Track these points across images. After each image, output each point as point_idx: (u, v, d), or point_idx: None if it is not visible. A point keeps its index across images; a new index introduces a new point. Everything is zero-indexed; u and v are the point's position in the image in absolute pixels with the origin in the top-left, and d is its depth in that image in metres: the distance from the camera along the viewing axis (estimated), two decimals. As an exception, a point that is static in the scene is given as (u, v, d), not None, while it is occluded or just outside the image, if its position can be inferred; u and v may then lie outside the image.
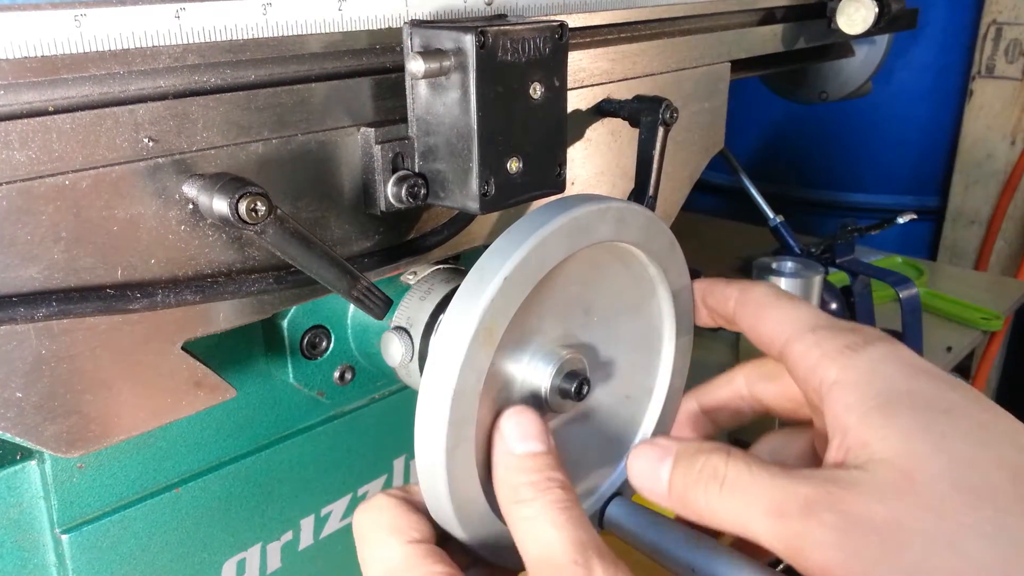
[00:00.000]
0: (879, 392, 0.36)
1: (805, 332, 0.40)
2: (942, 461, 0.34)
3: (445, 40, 0.43)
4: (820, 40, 0.84)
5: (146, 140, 0.37)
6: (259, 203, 0.37)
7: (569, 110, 0.50)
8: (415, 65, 0.42)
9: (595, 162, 0.62)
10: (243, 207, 0.37)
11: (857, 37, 0.83)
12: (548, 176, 0.48)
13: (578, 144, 0.60)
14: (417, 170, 0.46)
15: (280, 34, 0.41)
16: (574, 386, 0.42)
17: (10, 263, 0.35)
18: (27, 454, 0.44)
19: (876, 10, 0.78)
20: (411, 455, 0.56)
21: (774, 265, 0.91)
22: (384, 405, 0.59)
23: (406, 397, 0.59)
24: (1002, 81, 1.76)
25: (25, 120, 0.34)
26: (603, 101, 0.60)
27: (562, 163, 0.49)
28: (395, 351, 0.49)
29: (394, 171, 0.46)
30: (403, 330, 0.50)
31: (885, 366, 0.37)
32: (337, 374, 0.54)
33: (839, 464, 0.36)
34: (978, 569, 0.31)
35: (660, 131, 0.58)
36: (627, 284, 0.46)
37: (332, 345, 0.53)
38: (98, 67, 0.36)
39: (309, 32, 0.42)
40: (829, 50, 1.00)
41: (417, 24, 0.44)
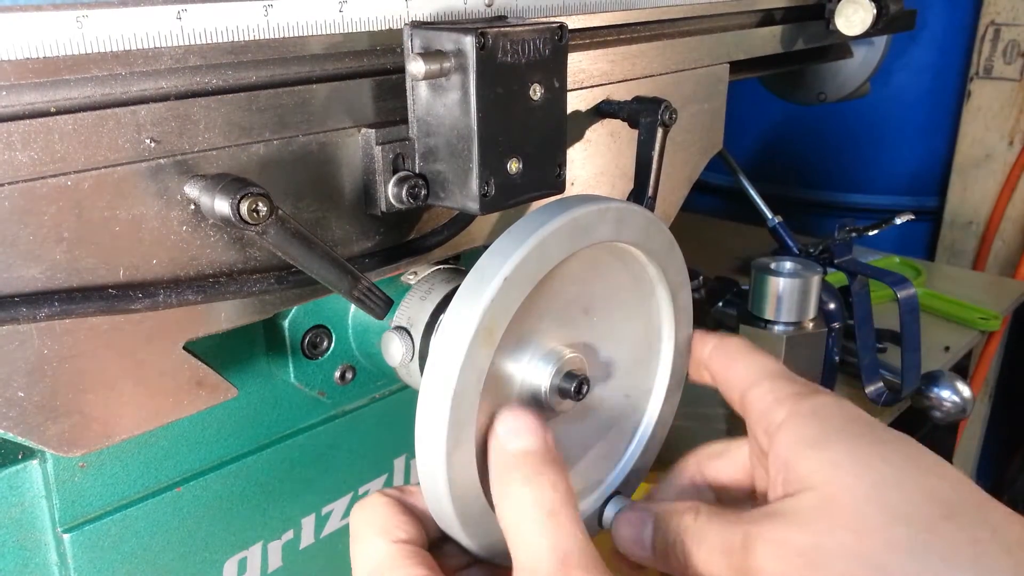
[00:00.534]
0: (817, 431, 0.40)
1: (764, 379, 0.44)
2: (866, 485, 0.36)
3: (445, 41, 0.43)
4: (818, 41, 0.84)
5: (148, 141, 0.38)
6: (260, 204, 0.38)
7: (569, 111, 0.50)
8: (415, 66, 0.43)
9: (595, 163, 0.62)
10: (244, 208, 0.37)
11: (855, 38, 0.83)
12: (548, 177, 0.49)
13: (578, 145, 0.60)
14: (417, 171, 0.46)
15: (281, 35, 0.41)
16: (573, 386, 0.42)
17: (12, 263, 0.35)
18: (29, 453, 0.44)
19: (874, 11, 0.78)
20: (412, 454, 0.57)
21: (773, 265, 0.91)
22: (385, 405, 0.59)
23: (406, 397, 0.60)
24: (1000, 82, 1.77)
25: (27, 121, 0.34)
26: (602, 102, 0.61)
27: (562, 164, 0.49)
28: (395, 351, 0.49)
29: (394, 172, 0.46)
30: (403, 330, 0.50)
31: (827, 410, 0.41)
32: (338, 374, 0.54)
33: (778, 498, 0.39)
34: None
35: (659, 132, 0.58)
36: (627, 284, 0.46)
37: (333, 345, 0.53)
38: (100, 68, 0.36)
39: (310, 33, 0.42)
40: (827, 51, 1.01)
41: (418, 25, 0.44)
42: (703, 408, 1.04)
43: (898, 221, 1.15)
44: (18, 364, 0.36)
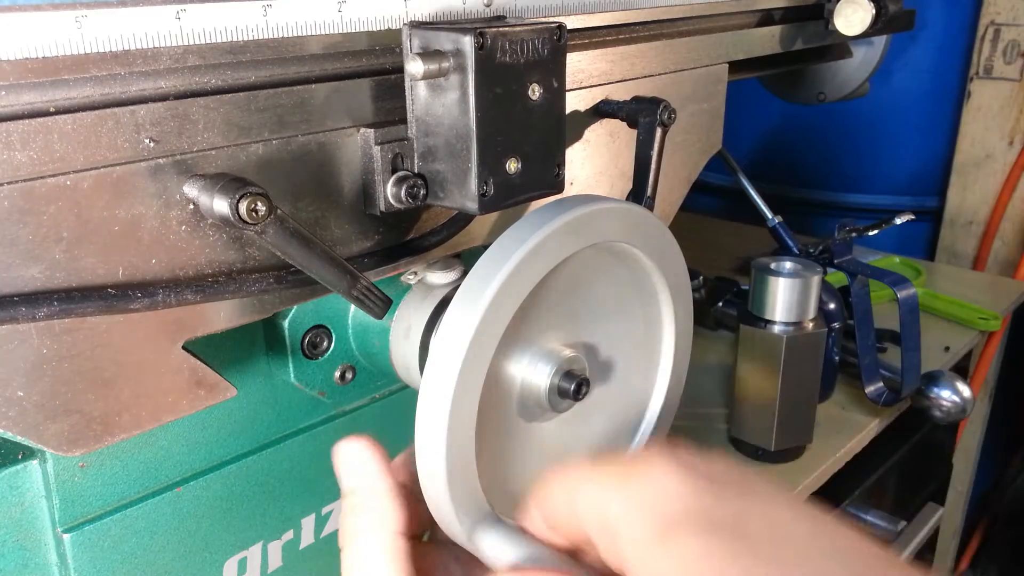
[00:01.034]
0: (659, 519, 0.31)
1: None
2: None
3: (444, 41, 0.43)
4: (818, 41, 0.84)
5: (147, 141, 0.38)
6: (259, 203, 0.38)
7: (568, 111, 0.50)
8: (414, 66, 0.43)
9: (594, 163, 0.62)
10: (243, 207, 0.37)
11: (855, 38, 0.83)
12: (547, 176, 0.49)
13: (577, 145, 0.60)
14: (416, 170, 0.46)
15: (280, 35, 0.41)
16: (573, 386, 0.42)
17: (12, 263, 0.35)
18: (29, 453, 0.44)
19: (874, 11, 0.78)
20: (411, 454, 0.56)
21: (772, 265, 0.91)
22: (385, 405, 0.59)
23: (406, 397, 0.60)
24: (1000, 82, 1.76)
25: (26, 121, 0.34)
26: (601, 102, 0.61)
27: (561, 164, 0.49)
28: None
29: (394, 172, 0.46)
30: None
31: (666, 485, 0.32)
32: (338, 374, 0.54)
33: None
34: None
35: (658, 132, 0.58)
36: (627, 284, 0.46)
37: (333, 345, 0.53)
38: (99, 68, 0.36)
39: (309, 33, 0.42)
40: (827, 51, 1.01)
41: (416, 25, 0.44)
42: (703, 408, 1.04)
43: (898, 221, 1.15)
44: (17, 363, 0.36)
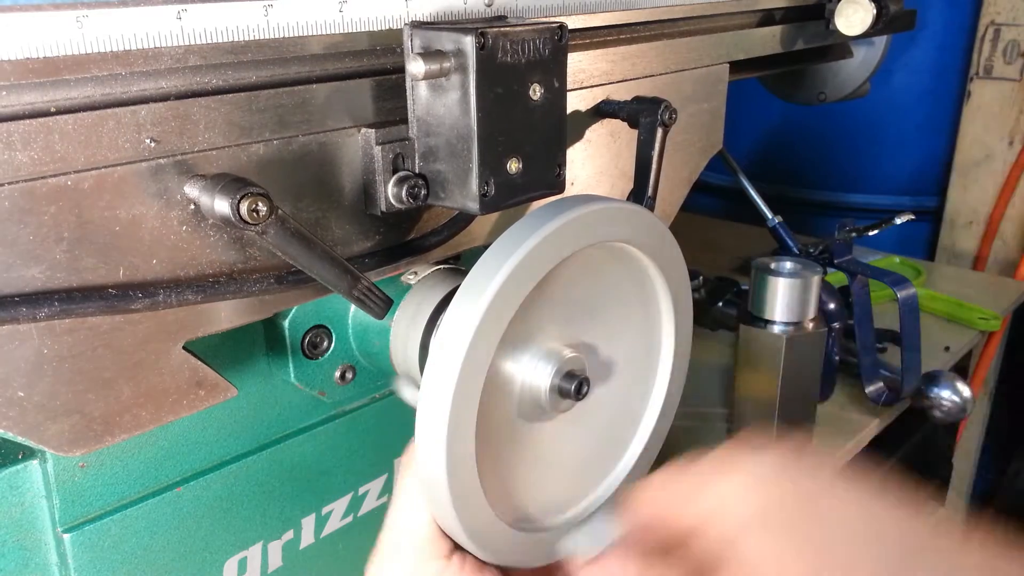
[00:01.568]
0: (757, 506, 0.37)
1: None
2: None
3: (445, 41, 0.43)
4: (818, 41, 0.84)
5: (148, 141, 0.38)
6: (260, 203, 0.38)
7: (568, 111, 0.50)
8: (415, 66, 0.43)
9: (594, 163, 0.62)
10: (244, 207, 0.37)
11: (855, 38, 0.83)
12: (547, 176, 0.49)
13: (577, 145, 0.60)
14: (417, 171, 0.46)
15: (281, 35, 0.41)
16: (573, 386, 0.42)
17: (13, 263, 0.35)
18: (29, 453, 0.44)
19: (874, 11, 0.78)
20: (411, 454, 0.56)
21: (772, 265, 0.91)
22: (385, 404, 0.59)
23: (406, 397, 0.60)
24: (1000, 82, 1.76)
25: (27, 121, 0.34)
26: (602, 102, 0.61)
27: (561, 164, 0.49)
28: (411, 396, 0.49)
29: (394, 172, 0.46)
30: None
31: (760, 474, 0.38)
32: (338, 374, 0.54)
33: None
34: None
35: (659, 132, 0.58)
36: (627, 284, 0.46)
37: (333, 345, 0.53)
38: (100, 68, 0.36)
39: (310, 33, 0.42)
40: (827, 51, 1.01)
41: (417, 25, 0.44)
42: (703, 408, 1.04)
43: (898, 221, 1.15)
44: (18, 364, 0.36)
